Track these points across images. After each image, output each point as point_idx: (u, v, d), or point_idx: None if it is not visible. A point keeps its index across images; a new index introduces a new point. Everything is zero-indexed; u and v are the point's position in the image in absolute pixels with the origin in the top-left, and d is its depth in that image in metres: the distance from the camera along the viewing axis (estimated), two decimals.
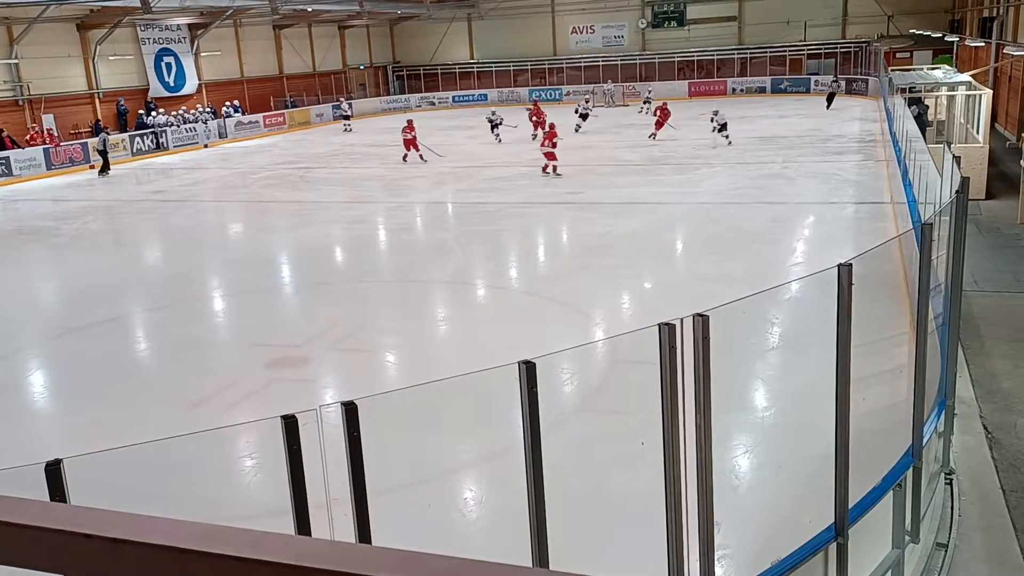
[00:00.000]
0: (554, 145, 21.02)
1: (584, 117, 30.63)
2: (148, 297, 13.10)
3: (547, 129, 21.87)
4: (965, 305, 8.81)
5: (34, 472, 3.05)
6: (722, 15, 44.75)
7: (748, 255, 13.33)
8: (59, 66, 30.44)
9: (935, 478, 6.44)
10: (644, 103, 36.46)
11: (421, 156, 25.78)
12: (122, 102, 32.61)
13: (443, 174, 23.46)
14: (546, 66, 47.37)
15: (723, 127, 25.14)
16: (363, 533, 3.49)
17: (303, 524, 3.43)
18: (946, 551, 5.99)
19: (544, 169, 21.37)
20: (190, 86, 36.01)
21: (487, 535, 6.04)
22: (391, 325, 11.37)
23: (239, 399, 8.69)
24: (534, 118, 28.85)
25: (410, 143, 26.35)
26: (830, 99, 34.69)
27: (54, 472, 3.07)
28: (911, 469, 5.55)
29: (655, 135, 27.40)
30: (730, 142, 25.02)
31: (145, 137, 31.49)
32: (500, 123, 29.55)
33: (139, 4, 28.77)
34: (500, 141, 29.11)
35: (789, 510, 6.12)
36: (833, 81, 36.90)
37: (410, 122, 26.95)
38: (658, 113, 28.16)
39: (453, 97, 47.42)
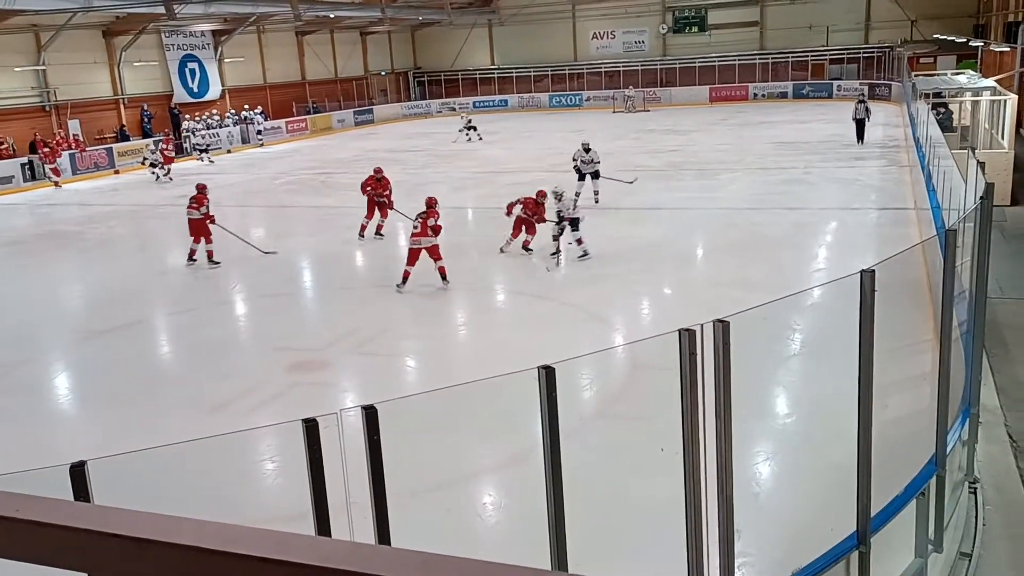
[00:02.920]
0: (436, 232, 12.58)
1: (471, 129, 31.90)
2: (170, 301, 13.21)
3: (426, 210, 12.72)
4: (990, 312, 8.70)
5: (59, 473, 3.08)
6: (744, 20, 44.55)
7: (769, 261, 13.25)
8: (85, 72, 30.82)
9: (959, 487, 6.36)
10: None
11: (211, 256, 14.39)
12: (146, 108, 32.95)
13: (463, 179, 23.54)
14: (566, 71, 47.36)
15: (472, 128, 31.48)
16: (383, 536, 3.50)
17: (323, 527, 3.45)
18: (970, 561, 5.91)
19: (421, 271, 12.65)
20: (214, 92, 36.33)
21: (506, 540, 6.03)
22: (411, 330, 11.41)
23: (260, 403, 8.74)
24: (369, 188, 16.36)
25: (198, 227, 14.32)
26: (860, 128, 25.69)
27: (78, 474, 3.10)
28: (934, 478, 5.49)
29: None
30: (469, 139, 30.88)
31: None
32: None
33: (164, 11, 29.06)
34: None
35: (811, 518, 6.07)
36: (859, 101, 26.46)
37: (201, 188, 14.74)
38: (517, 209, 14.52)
39: (474, 103, 47.52)
